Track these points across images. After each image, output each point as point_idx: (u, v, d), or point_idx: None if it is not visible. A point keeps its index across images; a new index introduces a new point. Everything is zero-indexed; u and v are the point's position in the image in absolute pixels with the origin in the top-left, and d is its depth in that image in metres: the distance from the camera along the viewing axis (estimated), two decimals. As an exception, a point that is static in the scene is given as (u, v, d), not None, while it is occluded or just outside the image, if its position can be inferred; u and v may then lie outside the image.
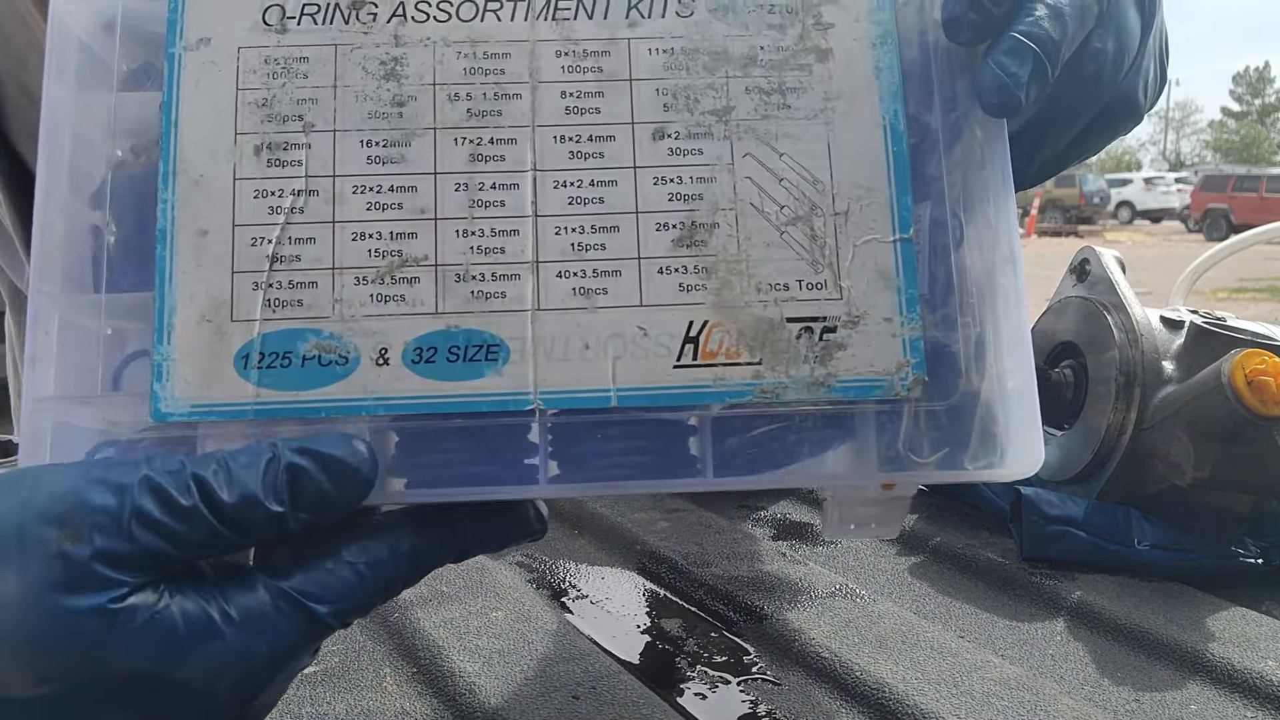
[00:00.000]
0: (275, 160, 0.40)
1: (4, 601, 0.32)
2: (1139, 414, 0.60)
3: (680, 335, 0.40)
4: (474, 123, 0.41)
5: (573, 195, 0.40)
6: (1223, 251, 1.45)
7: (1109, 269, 0.67)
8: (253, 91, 0.41)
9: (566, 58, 0.41)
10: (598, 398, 0.39)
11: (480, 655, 0.50)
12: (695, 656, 0.52)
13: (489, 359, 0.39)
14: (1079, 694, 0.49)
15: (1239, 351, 0.56)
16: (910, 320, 0.40)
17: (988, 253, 0.42)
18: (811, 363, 0.40)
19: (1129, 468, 0.61)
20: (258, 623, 0.34)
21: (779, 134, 0.41)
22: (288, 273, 0.40)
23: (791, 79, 0.42)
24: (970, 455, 0.40)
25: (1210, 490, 0.59)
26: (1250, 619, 0.56)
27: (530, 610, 0.56)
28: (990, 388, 0.40)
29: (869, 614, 0.55)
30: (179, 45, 0.41)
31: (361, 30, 0.41)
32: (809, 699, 0.48)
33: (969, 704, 0.46)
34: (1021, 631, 0.55)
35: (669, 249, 0.40)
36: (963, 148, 0.42)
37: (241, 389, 0.39)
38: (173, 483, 0.34)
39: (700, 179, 0.41)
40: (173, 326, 0.39)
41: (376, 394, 0.39)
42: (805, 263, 0.40)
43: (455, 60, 0.41)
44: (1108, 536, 0.60)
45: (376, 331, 0.39)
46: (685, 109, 0.41)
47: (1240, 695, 0.49)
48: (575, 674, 0.49)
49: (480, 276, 0.40)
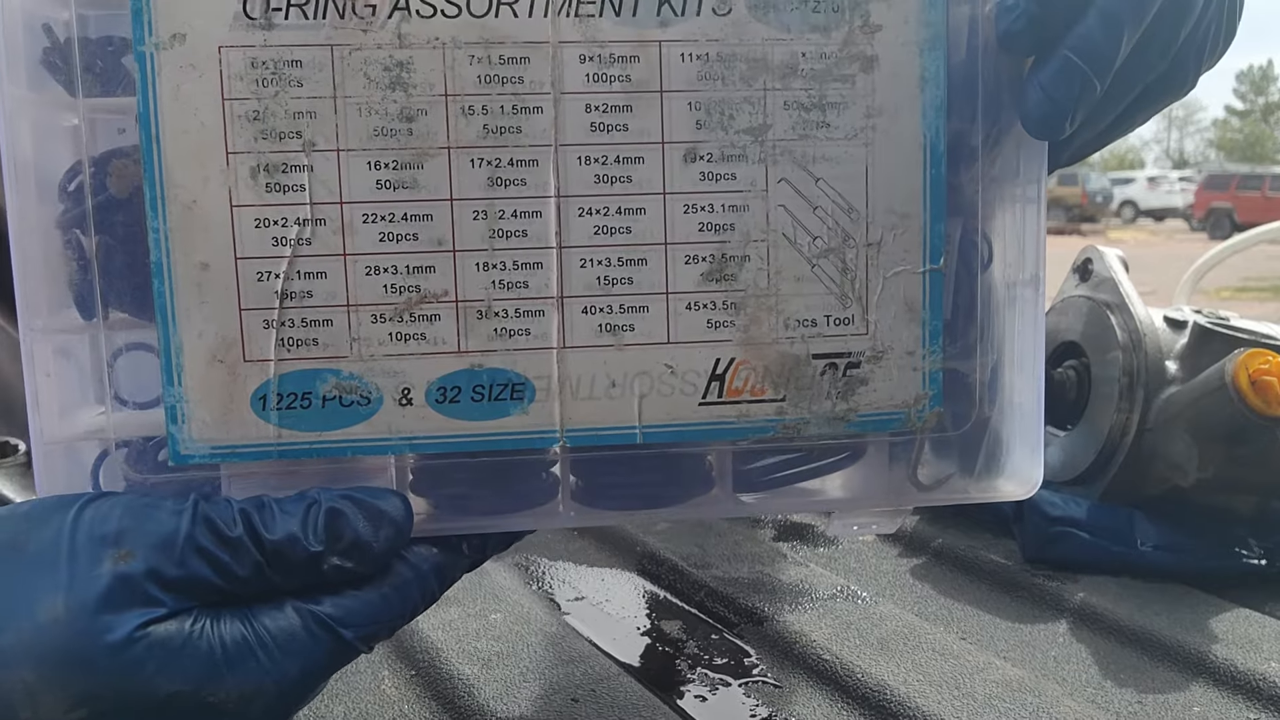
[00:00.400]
0: (275, 185, 0.37)
1: (49, 620, 0.33)
2: (1142, 414, 0.60)
3: (707, 373, 0.39)
4: (491, 141, 0.37)
5: (599, 224, 0.38)
6: (1226, 251, 1.40)
7: (1112, 268, 0.65)
8: (242, 102, 0.36)
9: (591, 63, 0.38)
10: (623, 435, 0.39)
11: (479, 658, 0.50)
12: (695, 659, 0.51)
13: (514, 398, 0.39)
14: (1081, 696, 0.48)
15: (1242, 351, 0.56)
16: (932, 353, 0.40)
17: (1012, 272, 0.41)
18: (834, 398, 0.40)
19: (1132, 468, 0.61)
20: (289, 646, 0.36)
21: (817, 156, 0.39)
22: (299, 310, 0.37)
23: (833, 92, 0.39)
24: (975, 480, 0.42)
25: (1213, 491, 0.59)
26: (1253, 620, 0.55)
27: (529, 612, 0.55)
28: (999, 414, 0.42)
29: (870, 616, 0.55)
30: (149, 42, 0.36)
31: (360, 28, 0.36)
32: (810, 701, 0.47)
33: (971, 706, 0.46)
34: (1024, 633, 0.54)
35: (698, 283, 0.39)
36: (1000, 164, 0.41)
37: (262, 430, 0.38)
38: (221, 514, 0.35)
39: (733, 207, 0.39)
40: (182, 367, 0.37)
41: (401, 433, 0.39)
42: (834, 297, 0.40)
43: (468, 66, 0.37)
44: (1110, 538, 0.60)
45: (398, 371, 0.38)
46: (719, 126, 0.38)
47: (1243, 697, 0.49)
48: (575, 676, 0.48)
49: (503, 313, 0.38)
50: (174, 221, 0.37)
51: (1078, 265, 0.68)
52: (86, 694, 0.33)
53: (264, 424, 0.38)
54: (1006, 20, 0.38)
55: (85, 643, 0.33)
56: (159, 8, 0.36)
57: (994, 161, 0.41)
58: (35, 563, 0.34)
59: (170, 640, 0.34)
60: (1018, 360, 0.42)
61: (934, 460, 0.42)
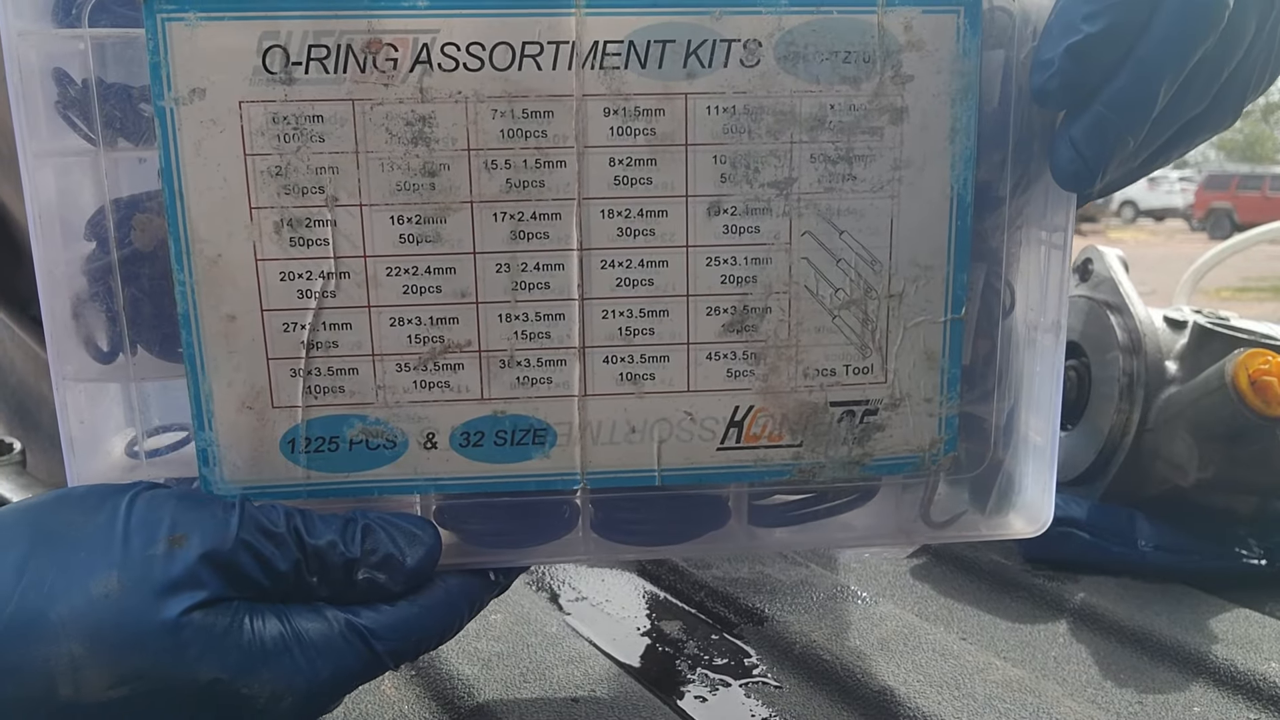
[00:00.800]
0: (299, 239, 0.37)
1: (102, 594, 0.33)
2: (1142, 415, 0.60)
3: (725, 420, 0.40)
4: (514, 195, 0.37)
5: (621, 276, 0.38)
6: (1226, 251, 1.37)
7: (1112, 268, 0.64)
8: (264, 158, 0.36)
9: (616, 117, 0.37)
10: (643, 477, 0.40)
11: (479, 658, 0.50)
12: (696, 659, 0.51)
13: (536, 443, 0.40)
14: (1082, 696, 0.49)
15: (1242, 352, 0.56)
16: (950, 400, 0.41)
17: (1033, 316, 0.41)
18: (850, 444, 0.41)
19: (1132, 469, 0.61)
20: (324, 648, 0.37)
21: (842, 209, 0.38)
22: (325, 359, 0.38)
23: (861, 145, 0.38)
24: (986, 518, 0.43)
25: (1213, 491, 0.59)
26: (1254, 620, 0.55)
27: (529, 613, 0.55)
28: (1014, 456, 0.42)
29: (870, 616, 0.55)
30: (169, 97, 0.35)
31: (381, 82, 0.36)
32: (810, 702, 0.48)
33: (971, 706, 0.46)
34: (1024, 633, 0.55)
35: (719, 334, 0.39)
36: (1028, 212, 0.40)
37: (292, 471, 0.39)
38: (268, 514, 0.36)
39: (755, 260, 0.39)
40: (212, 413, 0.38)
41: (426, 475, 0.40)
42: (854, 347, 0.40)
43: (491, 121, 0.36)
44: (1111, 538, 0.60)
45: (423, 417, 0.39)
46: (744, 180, 0.38)
47: (1243, 697, 0.49)
48: (575, 676, 0.49)
49: (525, 362, 0.39)
50: (200, 275, 0.37)
51: (1078, 265, 0.67)
52: (132, 672, 0.33)
53: (293, 466, 0.39)
54: (1041, 77, 0.37)
55: (137, 619, 0.33)
56: (178, 63, 0.35)
57: (1020, 210, 0.40)
58: (90, 542, 0.34)
59: (215, 626, 0.34)
60: (1035, 402, 0.42)
61: (946, 498, 0.43)
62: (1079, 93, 0.37)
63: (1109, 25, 0.36)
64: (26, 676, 0.33)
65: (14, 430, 0.77)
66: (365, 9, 0.35)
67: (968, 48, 0.38)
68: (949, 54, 0.38)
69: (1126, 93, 0.36)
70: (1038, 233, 0.41)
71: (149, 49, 0.35)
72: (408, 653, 0.39)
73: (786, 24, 0.37)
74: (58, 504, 0.35)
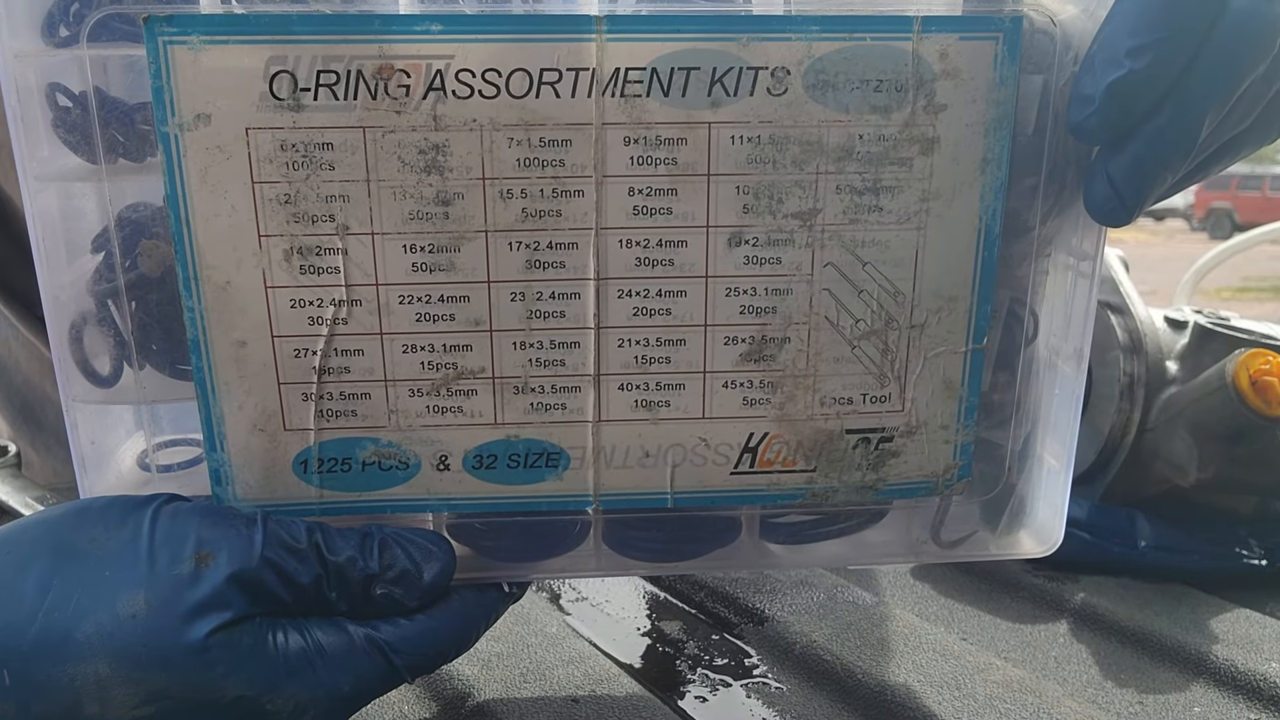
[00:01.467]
0: (309, 267, 0.36)
1: (129, 614, 0.33)
2: (1142, 415, 0.60)
3: (740, 446, 0.40)
4: (530, 225, 0.36)
5: (638, 306, 0.37)
6: (1227, 251, 1.33)
7: (1112, 269, 0.63)
8: (272, 185, 0.35)
9: (636, 146, 0.36)
10: (655, 499, 0.40)
11: (479, 658, 0.50)
12: (696, 659, 0.51)
13: (549, 466, 0.39)
14: (1082, 696, 0.49)
15: (1243, 352, 0.55)
16: (967, 427, 0.40)
17: (1056, 342, 0.41)
18: (864, 470, 0.40)
19: (1132, 469, 0.61)
20: (345, 661, 0.37)
21: (866, 241, 0.37)
22: (338, 384, 0.38)
23: (889, 176, 0.37)
24: (996, 539, 0.43)
25: (1214, 491, 0.59)
26: (1254, 620, 0.55)
27: (529, 613, 0.55)
28: (1027, 479, 0.42)
29: (871, 616, 0.54)
30: (173, 122, 0.34)
31: (393, 109, 0.34)
32: (810, 702, 0.48)
33: (972, 707, 0.46)
34: (1024, 633, 0.55)
35: (736, 363, 0.39)
36: (1057, 241, 0.39)
37: (304, 491, 0.39)
38: (290, 529, 0.37)
39: (776, 291, 0.38)
40: (225, 435, 0.38)
41: (439, 495, 0.40)
42: (873, 376, 0.39)
43: (507, 149, 0.35)
44: (1111, 538, 0.60)
45: (435, 440, 0.39)
46: (767, 211, 0.37)
47: (1244, 697, 0.49)
48: (575, 676, 0.49)
49: (540, 389, 0.38)
50: (209, 301, 0.36)
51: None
52: (158, 691, 0.34)
53: (306, 486, 0.39)
54: (1081, 114, 0.35)
55: (165, 640, 0.33)
56: (181, 87, 0.34)
57: (1050, 239, 0.39)
58: (115, 560, 0.34)
59: (240, 644, 0.35)
60: (1053, 427, 0.41)
61: (957, 518, 0.43)
62: (1119, 130, 0.35)
63: (1155, 60, 0.34)
64: (53, 694, 0.33)
65: (18, 429, 0.77)
66: (376, 33, 0.34)
67: (1005, 76, 0.36)
68: (985, 82, 0.36)
69: (1169, 133, 0.35)
70: (1066, 259, 0.40)
71: (151, 72, 0.33)
72: (425, 666, 0.39)
73: (817, 51, 0.35)
74: (79, 518, 0.35)
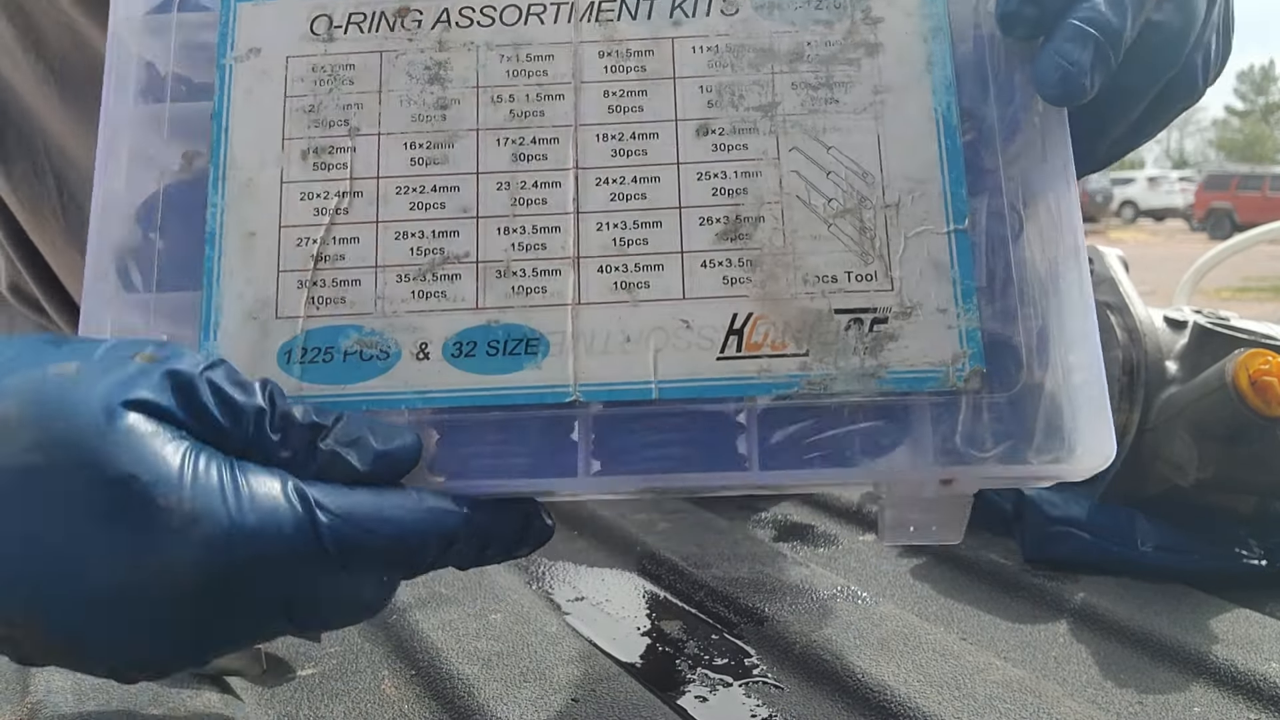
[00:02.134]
0: (321, 164, 0.41)
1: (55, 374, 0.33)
2: (1142, 415, 0.59)
3: (724, 328, 0.39)
4: (516, 123, 0.41)
5: (615, 191, 0.40)
6: (1226, 251, 1.41)
7: (1112, 268, 0.65)
8: (300, 99, 0.41)
9: (609, 58, 0.41)
10: (638, 390, 0.38)
11: (479, 658, 0.50)
12: (696, 659, 0.51)
13: (528, 352, 0.39)
14: (1082, 696, 0.48)
15: (1243, 352, 0.55)
16: (967, 311, 0.38)
17: (1050, 246, 0.40)
18: (861, 354, 0.38)
19: (1132, 469, 0.60)
20: (259, 493, 0.34)
21: (826, 128, 0.40)
22: (331, 271, 0.40)
23: (840, 73, 0.41)
24: (1035, 449, 0.38)
25: (1214, 491, 0.58)
26: (1254, 621, 0.55)
27: (529, 612, 0.55)
28: (1055, 381, 0.38)
29: (871, 616, 0.54)
30: (230, 56, 0.42)
31: (406, 37, 0.42)
32: (810, 702, 0.47)
33: (971, 706, 0.46)
34: (1024, 633, 0.54)
35: (712, 242, 0.39)
36: (1021, 141, 0.41)
37: (285, 382, 0.38)
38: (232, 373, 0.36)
39: (745, 173, 0.40)
40: (219, 324, 0.39)
41: (416, 387, 0.39)
42: (854, 254, 0.39)
43: (498, 64, 0.41)
44: (1111, 538, 0.59)
45: (417, 327, 0.39)
46: (730, 105, 0.41)
47: (1244, 697, 0.48)
48: (575, 676, 0.48)
49: (521, 272, 0.39)
50: (231, 197, 0.40)
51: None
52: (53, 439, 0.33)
53: (287, 377, 0.39)
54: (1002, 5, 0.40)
55: (78, 396, 0.33)
56: (241, 31, 0.42)
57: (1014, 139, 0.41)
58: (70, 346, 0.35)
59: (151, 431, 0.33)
60: (1070, 332, 0.39)
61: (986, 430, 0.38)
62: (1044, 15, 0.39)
63: None
64: None
65: None
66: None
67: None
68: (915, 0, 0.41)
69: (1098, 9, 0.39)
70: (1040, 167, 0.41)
71: (221, 22, 0.42)
72: (352, 539, 0.35)
73: None
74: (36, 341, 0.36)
